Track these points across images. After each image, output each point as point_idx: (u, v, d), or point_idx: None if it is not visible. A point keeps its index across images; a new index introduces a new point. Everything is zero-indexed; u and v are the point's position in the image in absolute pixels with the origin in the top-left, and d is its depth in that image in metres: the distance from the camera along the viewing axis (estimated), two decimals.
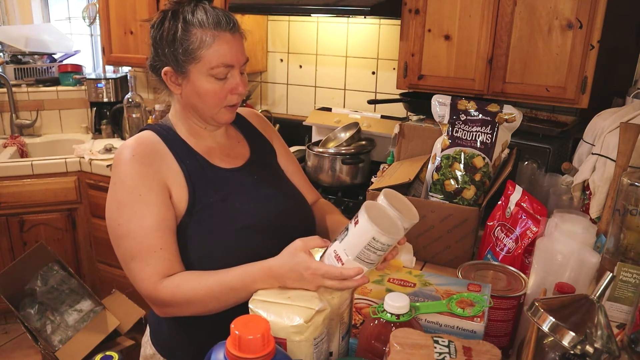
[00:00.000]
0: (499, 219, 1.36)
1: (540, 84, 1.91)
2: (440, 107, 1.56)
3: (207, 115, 1.14)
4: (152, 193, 1.04)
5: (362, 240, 0.89)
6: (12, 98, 3.14)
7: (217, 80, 1.08)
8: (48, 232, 2.79)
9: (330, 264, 0.93)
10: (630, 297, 1.09)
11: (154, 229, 1.03)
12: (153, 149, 1.10)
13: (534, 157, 1.87)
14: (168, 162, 1.10)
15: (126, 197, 1.05)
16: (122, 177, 1.07)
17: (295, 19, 2.76)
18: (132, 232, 1.03)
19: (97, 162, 2.71)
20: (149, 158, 1.08)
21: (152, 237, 1.03)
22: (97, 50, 3.63)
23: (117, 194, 1.07)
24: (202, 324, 1.10)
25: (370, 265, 0.93)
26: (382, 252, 0.91)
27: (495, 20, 1.93)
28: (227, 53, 1.07)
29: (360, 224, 0.89)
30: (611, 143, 1.50)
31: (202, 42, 1.05)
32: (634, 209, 1.16)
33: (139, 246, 1.03)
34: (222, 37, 1.06)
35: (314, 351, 0.89)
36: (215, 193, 1.11)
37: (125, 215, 1.05)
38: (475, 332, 0.88)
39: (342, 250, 0.92)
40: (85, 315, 2.55)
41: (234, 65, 1.09)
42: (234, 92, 1.11)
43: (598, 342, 0.75)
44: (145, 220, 1.03)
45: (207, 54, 1.06)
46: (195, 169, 1.12)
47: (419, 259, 1.46)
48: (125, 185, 1.06)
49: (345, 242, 0.92)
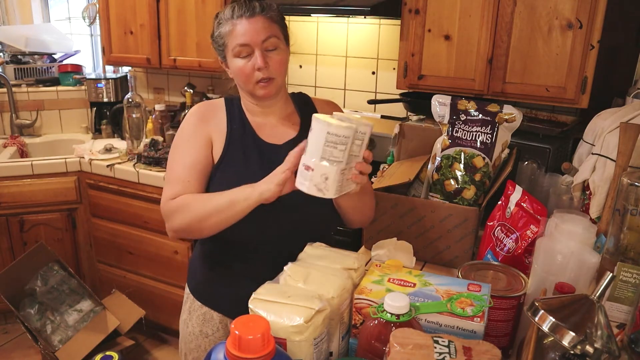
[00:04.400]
0: (499, 219, 1.36)
1: (540, 84, 1.91)
2: (440, 107, 1.56)
3: (247, 91, 1.30)
4: (196, 141, 1.29)
5: (320, 139, 0.98)
6: (12, 98, 3.14)
7: (242, 59, 1.25)
8: (48, 232, 2.79)
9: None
10: (630, 297, 1.09)
11: (187, 166, 1.28)
12: (212, 110, 1.34)
13: (534, 157, 1.87)
14: (219, 122, 1.33)
15: (179, 140, 1.33)
16: (182, 126, 1.34)
17: (295, 19, 2.76)
18: (173, 165, 1.31)
19: (97, 162, 2.71)
20: (205, 116, 1.33)
21: (184, 171, 1.28)
22: (97, 50, 3.63)
23: (176, 137, 1.34)
24: (230, 271, 1.34)
25: (339, 163, 0.99)
26: (343, 145, 0.97)
27: (495, 20, 1.93)
28: (242, 35, 1.23)
29: (313, 126, 1.00)
30: (611, 143, 1.50)
31: (226, 33, 1.26)
32: (634, 209, 1.16)
33: (173, 175, 1.30)
34: (239, 23, 1.23)
35: (314, 351, 0.89)
36: (243, 157, 1.29)
37: (174, 154, 1.32)
38: (475, 332, 0.88)
39: (308, 158, 1.01)
40: (85, 315, 2.55)
41: (250, 44, 1.23)
42: (257, 68, 1.24)
43: (598, 342, 0.75)
44: (185, 159, 1.29)
45: (229, 39, 1.25)
46: (238, 133, 1.32)
47: (419, 259, 1.46)
48: (182, 132, 1.33)
49: (308, 151, 1.01)
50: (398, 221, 1.51)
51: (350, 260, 1.08)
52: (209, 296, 1.39)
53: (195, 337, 1.40)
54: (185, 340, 1.45)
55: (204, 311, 1.39)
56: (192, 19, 2.64)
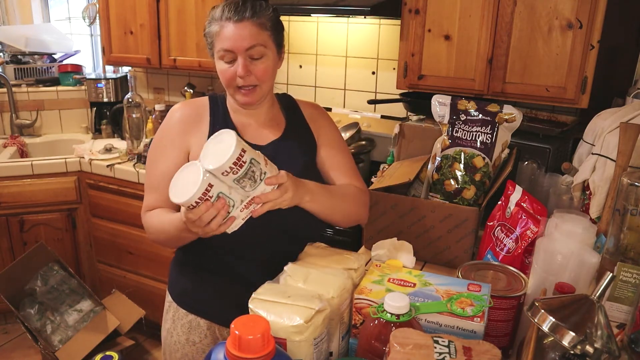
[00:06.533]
0: (499, 219, 1.36)
1: (540, 84, 1.91)
2: (440, 107, 1.56)
3: (230, 94, 1.29)
4: (174, 151, 1.28)
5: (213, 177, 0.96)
6: (12, 98, 3.14)
7: (225, 63, 1.22)
8: (48, 232, 2.79)
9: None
10: (630, 297, 1.09)
11: (161, 175, 1.26)
12: (195, 113, 1.31)
13: (534, 157, 1.87)
14: (201, 125, 1.29)
15: (157, 142, 1.32)
16: (162, 127, 1.32)
17: (295, 19, 2.76)
18: (150, 169, 1.32)
19: (97, 162, 2.71)
20: (187, 119, 1.30)
21: (157, 179, 1.27)
22: (97, 50, 3.63)
23: (156, 137, 1.33)
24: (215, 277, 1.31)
25: (237, 188, 0.98)
26: (228, 178, 0.95)
27: (495, 20, 1.93)
28: (226, 39, 1.19)
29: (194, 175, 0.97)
30: (611, 143, 1.50)
31: (213, 33, 1.23)
32: (634, 209, 1.16)
33: (148, 181, 1.31)
34: (226, 26, 1.20)
35: (314, 351, 0.89)
36: None
37: (152, 155, 1.32)
38: (475, 332, 0.88)
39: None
40: (85, 315, 2.55)
41: (234, 51, 1.19)
42: (238, 76, 1.22)
43: (598, 342, 0.75)
44: (160, 166, 1.28)
45: (216, 41, 1.22)
46: None
47: (419, 259, 1.46)
48: (161, 133, 1.32)
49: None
50: (398, 221, 1.51)
51: (350, 260, 1.09)
52: (194, 303, 1.35)
53: (182, 345, 1.36)
54: (169, 350, 1.40)
55: (189, 319, 1.35)
56: (192, 19, 2.64)
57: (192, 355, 1.35)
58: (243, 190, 0.99)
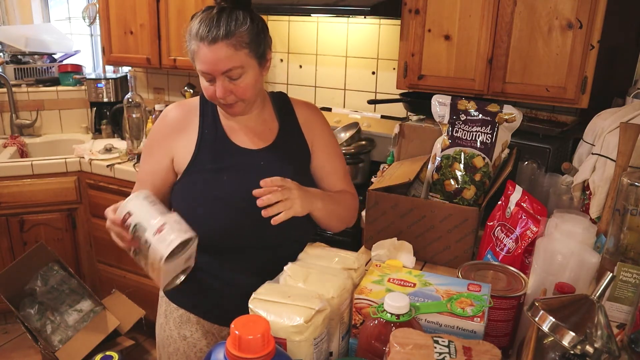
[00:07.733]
0: (499, 219, 1.36)
1: (540, 84, 1.91)
2: (440, 107, 1.56)
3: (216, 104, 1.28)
4: (159, 150, 1.31)
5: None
6: (12, 98, 3.14)
7: (206, 81, 1.21)
8: (48, 232, 2.79)
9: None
10: (630, 297, 1.09)
11: (147, 172, 1.33)
12: (185, 116, 1.31)
13: (534, 157, 1.87)
14: (190, 130, 1.30)
15: (148, 141, 1.37)
16: (154, 127, 1.36)
17: (295, 19, 2.76)
18: (140, 163, 1.38)
19: (97, 162, 2.71)
20: (176, 124, 1.31)
21: (145, 176, 1.33)
22: (97, 50, 3.63)
23: (149, 135, 1.38)
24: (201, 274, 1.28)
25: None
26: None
27: (495, 20, 1.93)
28: (203, 62, 1.17)
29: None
30: (611, 143, 1.50)
31: (192, 51, 1.19)
32: (634, 209, 1.16)
33: (138, 174, 1.37)
34: (202, 48, 1.16)
35: (314, 351, 0.89)
36: (213, 163, 1.26)
37: (143, 153, 1.37)
38: (475, 332, 0.88)
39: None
40: (85, 315, 2.55)
41: (211, 74, 1.18)
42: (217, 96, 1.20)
43: (598, 342, 0.75)
44: (146, 164, 1.34)
45: (195, 59, 1.20)
46: (209, 139, 1.28)
47: (419, 259, 1.46)
48: (152, 133, 1.35)
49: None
50: (398, 221, 1.51)
51: (350, 260, 1.09)
52: (183, 298, 1.36)
53: (174, 340, 1.37)
54: (163, 345, 1.42)
55: (180, 313, 1.36)
56: None
57: (183, 350, 1.37)
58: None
